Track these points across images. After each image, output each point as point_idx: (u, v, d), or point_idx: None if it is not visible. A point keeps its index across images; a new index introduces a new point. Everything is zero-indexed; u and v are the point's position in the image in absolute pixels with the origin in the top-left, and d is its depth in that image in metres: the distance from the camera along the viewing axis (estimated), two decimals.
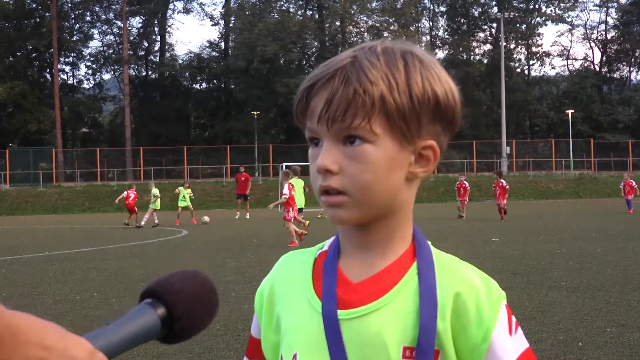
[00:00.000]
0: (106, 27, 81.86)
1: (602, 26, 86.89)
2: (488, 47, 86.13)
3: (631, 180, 35.53)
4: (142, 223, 31.93)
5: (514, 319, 1.31)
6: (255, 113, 69.90)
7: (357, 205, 1.26)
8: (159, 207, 33.16)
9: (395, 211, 1.32)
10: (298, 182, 24.06)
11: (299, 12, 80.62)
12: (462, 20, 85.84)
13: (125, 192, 33.89)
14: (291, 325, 1.35)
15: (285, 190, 19.96)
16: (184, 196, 33.39)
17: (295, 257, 1.46)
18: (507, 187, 30.97)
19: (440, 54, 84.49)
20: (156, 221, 32.13)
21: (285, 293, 1.40)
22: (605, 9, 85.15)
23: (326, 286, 1.33)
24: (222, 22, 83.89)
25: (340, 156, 1.25)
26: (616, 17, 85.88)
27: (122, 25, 77.44)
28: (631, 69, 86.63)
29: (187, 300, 1.06)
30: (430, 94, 1.26)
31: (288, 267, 1.44)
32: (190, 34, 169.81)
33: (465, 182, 33.23)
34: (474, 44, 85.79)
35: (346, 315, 1.28)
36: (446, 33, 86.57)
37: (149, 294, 1.06)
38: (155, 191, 33.30)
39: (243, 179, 38.13)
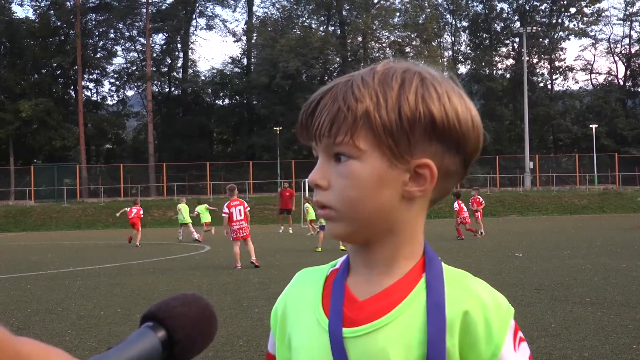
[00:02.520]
0: (129, 44, 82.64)
1: (626, 40, 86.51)
2: (511, 61, 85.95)
3: None
4: (180, 238, 32.74)
5: (520, 334, 1.31)
6: (277, 129, 70.05)
7: (345, 220, 1.29)
8: (186, 221, 33.10)
9: (396, 230, 1.31)
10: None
11: (321, 28, 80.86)
12: (484, 35, 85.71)
13: (129, 208, 33.30)
14: (301, 343, 1.37)
15: (225, 209, 19.00)
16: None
17: (309, 275, 1.47)
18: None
19: (463, 69, 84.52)
20: (180, 237, 32.90)
21: (297, 311, 1.41)
22: (629, 22, 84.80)
23: (333, 304, 1.34)
24: (244, 38, 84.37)
25: (330, 172, 1.29)
26: None
27: (145, 42, 78.03)
28: None
29: (186, 324, 1.09)
30: (423, 112, 1.25)
31: (300, 285, 1.45)
32: (213, 50, 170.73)
33: (479, 197, 31.35)
34: (497, 58, 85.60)
35: (352, 333, 1.29)
36: (468, 48, 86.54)
37: (150, 317, 1.09)
38: (181, 206, 33.64)
39: (287, 194, 38.90)
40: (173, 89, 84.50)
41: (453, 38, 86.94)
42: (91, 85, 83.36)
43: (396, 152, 1.25)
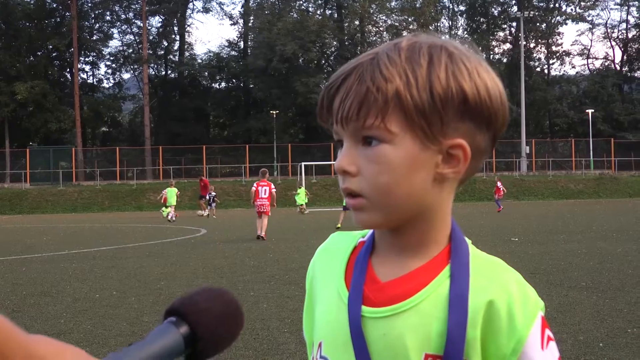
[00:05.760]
0: (126, 26, 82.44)
1: (623, 25, 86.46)
2: (508, 46, 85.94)
3: None
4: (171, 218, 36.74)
5: (547, 331, 1.24)
6: (274, 112, 69.99)
7: (377, 208, 1.22)
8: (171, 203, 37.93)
9: (426, 214, 1.25)
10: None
11: (318, 12, 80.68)
12: (481, 19, 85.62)
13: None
14: (321, 313, 1.33)
15: (253, 186, 23.11)
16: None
17: (340, 240, 1.41)
18: None
19: None
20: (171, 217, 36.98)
21: (323, 278, 1.38)
22: (626, 7, 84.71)
23: (354, 282, 1.29)
24: (241, 21, 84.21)
25: (359, 157, 1.21)
26: (637, 15, 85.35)
27: (141, 24, 77.87)
28: None
29: (210, 320, 1.06)
30: (455, 90, 1.18)
31: (331, 251, 1.40)
32: (210, 33, 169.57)
33: None
34: (494, 43, 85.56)
35: (371, 314, 1.24)
36: (465, 32, 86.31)
37: (173, 312, 1.05)
38: (168, 189, 38.38)
39: (202, 184, 43.27)
40: (169, 72, 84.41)
41: (450, 22, 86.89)
42: (87, 68, 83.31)
43: (429, 133, 1.19)
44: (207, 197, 41.97)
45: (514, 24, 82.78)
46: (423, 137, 1.19)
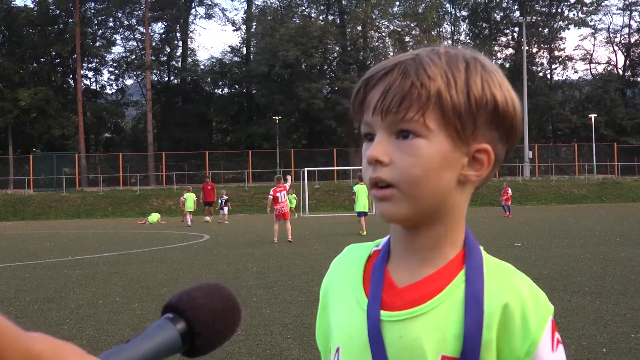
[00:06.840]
0: (129, 33, 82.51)
1: (626, 30, 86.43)
2: (510, 51, 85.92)
3: None
4: (189, 224, 37.32)
5: (557, 335, 1.29)
6: (277, 118, 69.95)
7: (405, 199, 1.26)
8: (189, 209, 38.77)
9: (445, 215, 1.30)
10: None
11: (321, 17, 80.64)
12: (483, 24, 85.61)
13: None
14: (339, 320, 1.37)
15: (270, 193, 23.33)
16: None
17: (355, 251, 1.46)
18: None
19: None
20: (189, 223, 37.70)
21: (339, 288, 1.42)
22: (628, 12, 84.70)
23: (372, 288, 1.33)
24: (243, 27, 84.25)
25: (392, 148, 1.26)
26: None
27: (144, 31, 77.87)
28: None
29: (208, 316, 1.05)
30: (489, 97, 1.27)
31: (345, 261, 1.45)
32: (212, 39, 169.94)
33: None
34: (496, 48, 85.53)
35: (389, 317, 1.28)
36: (468, 37, 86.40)
37: (170, 309, 1.05)
38: (187, 195, 39.32)
39: (209, 187, 42.59)
40: (172, 78, 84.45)
41: (452, 27, 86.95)
42: (90, 74, 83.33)
43: (462, 134, 1.26)
44: (220, 202, 41.63)
45: (517, 29, 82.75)
46: (456, 137, 1.25)
